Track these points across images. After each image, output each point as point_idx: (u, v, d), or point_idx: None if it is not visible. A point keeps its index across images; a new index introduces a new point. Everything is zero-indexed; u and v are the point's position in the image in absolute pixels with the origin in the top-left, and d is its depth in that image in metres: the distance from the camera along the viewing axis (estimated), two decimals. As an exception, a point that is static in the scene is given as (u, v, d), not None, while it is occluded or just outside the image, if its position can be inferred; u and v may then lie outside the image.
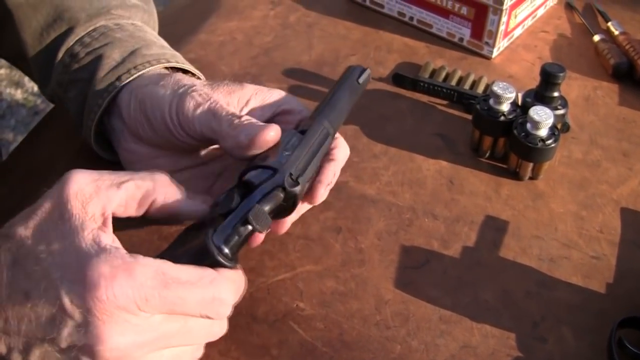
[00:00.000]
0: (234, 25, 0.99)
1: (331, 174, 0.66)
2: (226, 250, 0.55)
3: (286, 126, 0.68)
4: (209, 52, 0.94)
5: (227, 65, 0.92)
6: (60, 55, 0.75)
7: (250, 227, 0.56)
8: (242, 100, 0.68)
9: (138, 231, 0.72)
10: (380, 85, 0.91)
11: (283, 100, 0.69)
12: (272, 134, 0.62)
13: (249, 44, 0.96)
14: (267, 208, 0.58)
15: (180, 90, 0.67)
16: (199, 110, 0.64)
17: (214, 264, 0.55)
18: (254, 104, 0.68)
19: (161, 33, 0.82)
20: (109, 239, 0.53)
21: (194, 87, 0.67)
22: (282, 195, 0.59)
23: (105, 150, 0.76)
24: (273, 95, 0.69)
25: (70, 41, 0.75)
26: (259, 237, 0.63)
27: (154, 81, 0.69)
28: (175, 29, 0.91)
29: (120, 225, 0.72)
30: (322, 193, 0.65)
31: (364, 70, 0.74)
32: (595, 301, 0.68)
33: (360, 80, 0.73)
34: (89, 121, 0.73)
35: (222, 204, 0.58)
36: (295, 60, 0.94)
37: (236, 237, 0.56)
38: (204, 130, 0.65)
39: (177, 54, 0.77)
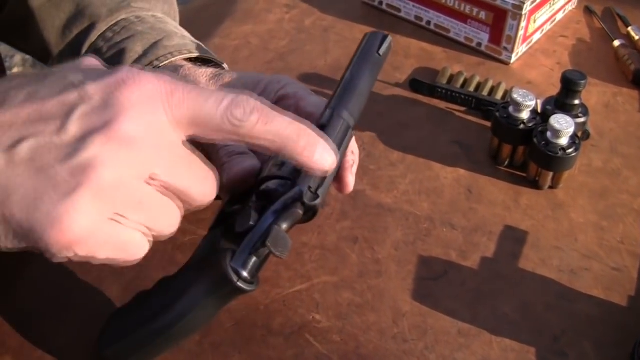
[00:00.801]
0: (248, 29, 0.98)
1: (350, 155, 0.65)
2: (245, 274, 0.54)
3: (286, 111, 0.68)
4: (223, 56, 0.92)
5: (242, 70, 0.91)
6: (83, 51, 0.75)
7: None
8: None
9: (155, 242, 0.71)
10: (397, 91, 0.90)
11: (280, 86, 0.68)
12: (242, 176, 0.61)
13: (264, 49, 0.95)
14: (285, 226, 0.55)
15: None
16: None
17: (235, 291, 0.54)
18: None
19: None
20: None
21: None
22: (301, 211, 0.56)
23: None
24: (273, 83, 0.68)
25: (93, 37, 0.75)
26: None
27: None
28: (189, 33, 0.90)
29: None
30: (351, 180, 0.65)
31: (385, 37, 0.67)
32: (616, 314, 0.67)
33: (381, 52, 0.66)
34: None
35: (239, 222, 0.56)
36: (311, 65, 0.93)
37: (255, 259, 0.54)
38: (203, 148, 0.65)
39: (199, 43, 0.77)
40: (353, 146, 0.65)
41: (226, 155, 0.64)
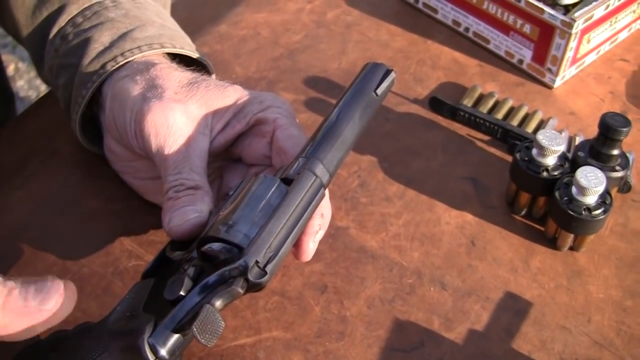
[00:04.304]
0: (261, 17, 0.87)
1: (318, 219, 0.54)
2: (163, 353, 0.46)
3: (260, 139, 0.60)
4: (226, 47, 0.83)
5: (243, 65, 0.80)
6: (51, 36, 0.66)
7: None
8: (219, 113, 0.59)
9: (91, 262, 0.62)
10: (414, 108, 0.78)
11: (261, 107, 0.59)
12: (185, 231, 0.53)
13: (274, 43, 0.84)
14: (219, 304, 0.46)
15: (147, 96, 0.58)
16: (155, 141, 0.56)
17: None
18: (229, 116, 0.59)
19: (178, 18, 0.71)
20: None
21: (162, 95, 0.57)
22: (241, 289, 0.47)
23: (95, 144, 0.67)
24: (253, 102, 0.59)
25: (62, 21, 0.66)
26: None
27: (132, 72, 0.61)
28: (195, 15, 0.80)
29: (76, 249, 0.63)
30: (310, 248, 0.54)
31: (387, 73, 0.56)
32: None
33: (380, 91, 0.55)
34: (74, 113, 0.65)
35: (170, 287, 0.48)
36: (322, 67, 0.81)
37: (178, 336, 0.46)
38: (156, 163, 0.56)
39: (180, 35, 0.67)
40: (325, 207, 0.55)
41: (173, 190, 0.54)
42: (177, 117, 0.56)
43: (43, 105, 0.78)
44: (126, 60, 0.62)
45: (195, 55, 0.65)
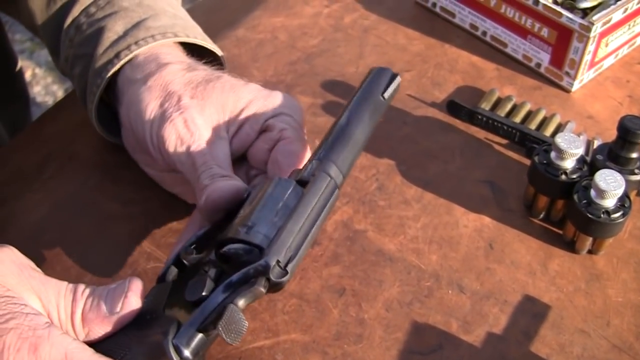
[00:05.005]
0: (278, 21, 0.87)
1: None
2: (187, 354, 0.46)
3: (263, 145, 0.60)
4: (243, 51, 0.83)
5: (261, 69, 0.81)
6: (65, 26, 0.68)
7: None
8: (234, 113, 0.59)
9: (111, 264, 0.63)
10: (432, 111, 0.78)
11: (273, 113, 0.60)
12: (223, 194, 0.54)
13: (291, 47, 0.84)
14: (242, 303, 0.47)
15: (165, 107, 0.58)
16: (179, 149, 0.57)
17: None
18: (242, 119, 0.60)
19: (196, 22, 0.71)
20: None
21: (179, 104, 0.58)
22: (263, 289, 0.47)
23: (113, 131, 0.67)
24: (267, 105, 0.60)
25: (76, 11, 0.67)
26: None
27: (143, 77, 0.61)
28: (212, 19, 0.80)
29: (94, 252, 0.63)
30: None
31: (393, 77, 0.58)
32: None
33: (387, 95, 0.57)
34: (89, 103, 0.65)
35: (191, 288, 0.48)
36: (339, 71, 0.82)
37: (201, 336, 0.47)
38: (183, 171, 0.57)
39: (192, 25, 0.68)
40: None
41: (208, 178, 0.55)
42: (198, 124, 0.57)
43: (61, 109, 0.79)
44: (139, 49, 0.62)
45: (207, 45, 0.66)
